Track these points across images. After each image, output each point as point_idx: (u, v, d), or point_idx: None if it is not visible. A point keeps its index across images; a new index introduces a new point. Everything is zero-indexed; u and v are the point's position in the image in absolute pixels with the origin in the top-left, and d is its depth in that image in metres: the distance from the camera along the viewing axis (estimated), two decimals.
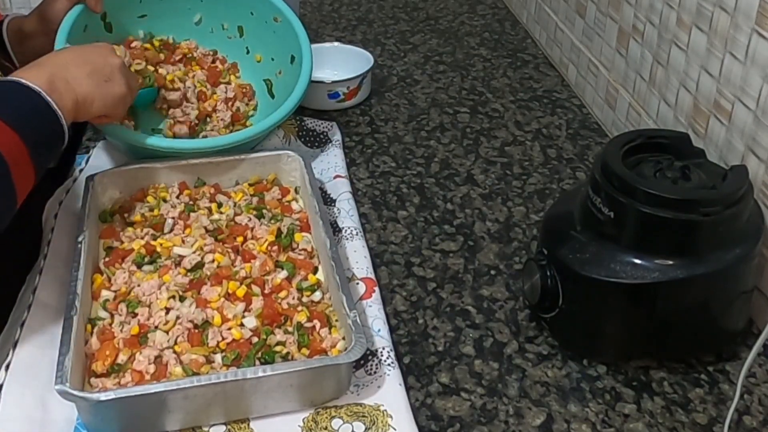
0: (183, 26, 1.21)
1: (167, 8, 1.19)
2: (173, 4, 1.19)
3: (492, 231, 1.03)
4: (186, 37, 1.21)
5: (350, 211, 1.02)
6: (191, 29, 1.22)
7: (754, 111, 0.86)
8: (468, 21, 1.63)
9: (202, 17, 1.22)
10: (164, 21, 1.19)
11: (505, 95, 1.35)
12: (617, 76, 1.20)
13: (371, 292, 0.89)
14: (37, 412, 0.74)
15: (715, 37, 0.92)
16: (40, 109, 0.80)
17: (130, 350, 0.78)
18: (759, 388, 0.80)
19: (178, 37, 1.20)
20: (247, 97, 1.20)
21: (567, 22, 1.38)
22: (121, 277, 0.87)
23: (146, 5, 1.17)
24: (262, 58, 1.21)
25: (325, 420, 0.74)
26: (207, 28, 1.22)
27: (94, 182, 0.97)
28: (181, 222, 0.95)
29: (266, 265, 0.88)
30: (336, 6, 1.71)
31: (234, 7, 1.20)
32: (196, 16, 1.22)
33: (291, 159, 1.03)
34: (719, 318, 0.81)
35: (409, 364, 0.83)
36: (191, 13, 1.22)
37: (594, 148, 1.20)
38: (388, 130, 1.25)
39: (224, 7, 1.21)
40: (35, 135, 0.78)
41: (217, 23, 1.22)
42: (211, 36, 1.22)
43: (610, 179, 0.79)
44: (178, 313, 0.82)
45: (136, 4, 1.17)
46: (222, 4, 1.21)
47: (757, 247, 0.79)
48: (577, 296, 0.80)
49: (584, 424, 0.76)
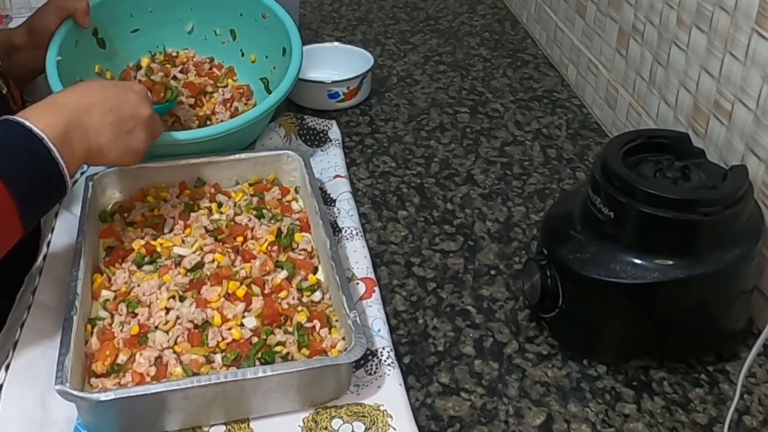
0: (177, 37, 1.21)
1: (159, 21, 1.19)
2: (164, 16, 1.19)
3: (492, 231, 1.03)
4: (181, 47, 1.22)
5: (350, 211, 1.02)
6: (185, 39, 1.22)
7: (754, 111, 0.86)
8: (468, 21, 1.63)
9: (194, 26, 1.22)
10: (157, 34, 1.19)
11: (505, 95, 1.35)
12: (617, 76, 1.20)
13: (371, 292, 0.89)
14: (37, 412, 0.74)
15: (715, 37, 0.92)
16: (39, 157, 0.74)
17: (130, 350, 0.78)
18: (759, 388, 0.80)
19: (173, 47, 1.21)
20: (245, 96, 1.20)
21: (567, 22, 1.38)
22: (121, 277, 0.87)
23: (137, 19, 1.18)
24: (257, 58, 1.21)
25: (325, 420, 0.74)
26: (200, 36, 1.22)
27: (94, 182, 0.97)
28: (181, 222, 0.95)
29: (266, 265, 0.88)
30: (336, 6, 1.71)
31: (223, 10, 1.20)
32: (188, 25, 1.22)
33: (291, 159, 1.03)
34: (719, 318, 0.81)
35: (409, 364, 0.83)
36: (183, 23, 1.22)
37: (594, 148, 1.20)
38: (388, 130, 1.25)
39: (214, 12, 1.21)
40: (28, 188, 0.73)
41: (210, 30, 1.22)
42: (205, 43, 1.23)
43: (610, 179, 0.79)
44: (178, 313, 0.82)
45: (127, 19, 1.17)
46: (212, 10, 1.21)
47: (757, 247, 0.79)
48: (577, 296, 0.80)
49: (584, 424, 0.76)
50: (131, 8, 1.17)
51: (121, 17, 1.16)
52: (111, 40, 1.15)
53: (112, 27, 1.14)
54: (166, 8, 1.19)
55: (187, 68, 1.20)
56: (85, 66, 1.11)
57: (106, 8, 1.12)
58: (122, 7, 1.16)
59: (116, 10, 1.15)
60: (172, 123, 1.12)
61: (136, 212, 0.97)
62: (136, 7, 1.17)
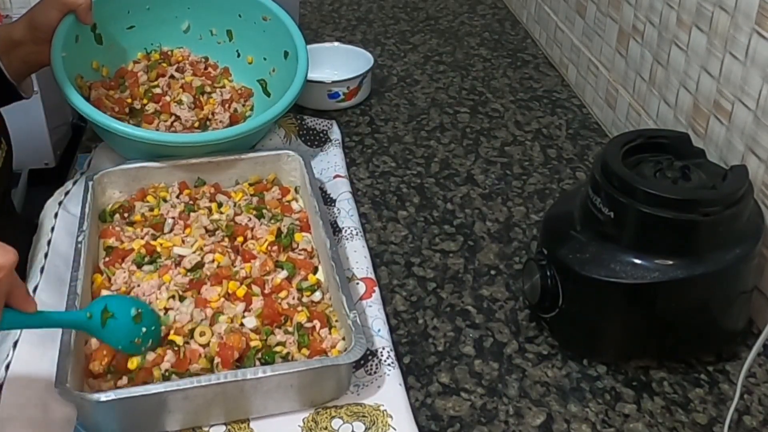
0: (172, 35, 1.21)
1: (155, 18, 1.19)
2: (160, 14, 1.19)
3: (492, 231, 1.03)
4: (175, 45, 1.21)
5: (350, 211, 1.02)
6: (180, 37, 1.22)
7: (754, 111, 0.86)
8: (468, 21, 1.63)
9: (190, 25, 1.22)
10: (152, 31, 1.19)
11: (505, 95, 1.35)
12: (617, 76, 1.20)
13: (371, 292, 0.89)
14: (37, 412, 0.74)
15: (715, 37, 0.92)
16: None
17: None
18: (759, 388, 0.80)
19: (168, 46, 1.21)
20: (244, 97, 1.20)
21: (567, 22, 1.38)
22: (121, 277, 0.87)
23: (134, 16, 1.18)
24: (254, 59, 1.21)
25: (325, 420, 0.74)
26: (196, 36, 1.22)
27: (94, 182, 0.97)
28: (181, 222, 0.95)
29: (266, 265, 0.88)
30: (336, 6, 1.71)
31: (221, 11, 1.20)
32: (184, 24, 1.22)
33: (291, 159, 1.03)
34: (719, 318, 0.81)
35: (409, 364, 0.83)
36: (179, 22, 1.21)
37: (594, 148, 1.20)
38: (388, 130, 1.25)
39: (211, 12, 1.20)
40: None
41: (206, 30, 1.22)
42: (200, 43, 1.22)
43: (610, 179, 0.79)
44: (177, 313, 0.82)
45: (124, 15, 1.17)
46: (209, 10, 1.20)
47: (757, 247, 0.79)
48: (577, 296, 0.80)
49: (584, 424, 0.76)
50: (129, 5, 1.17)
51: (119, 13, 1.16)
52: (107, 36, 1.15)
53: (109, 23, 1.14)
54: (163, 6, 1.19)
55: (183, 67, 1.20)
56: (83, 62, 1.11)
57: (105, 4, 1.11)
58: (120, 3, 1.16)
59: (114, 7, 1.15)
60: (172, 122, 1.12)
61: (136, 212, 0.97)
62: (134, 4, 1.17)
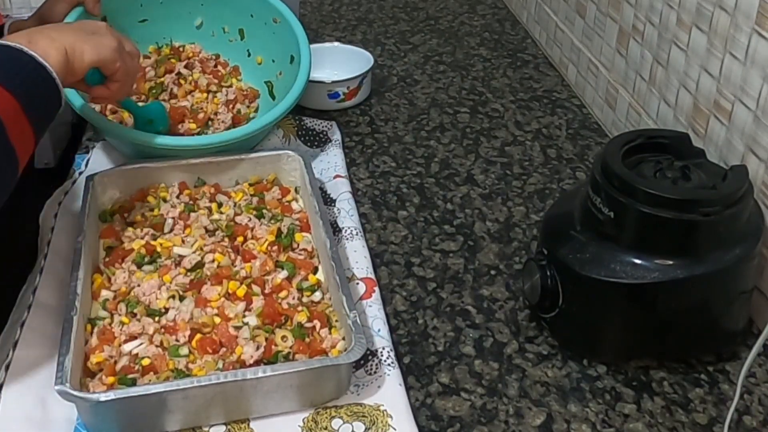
0: (184, 30, 1.21)
1: (168, 13, 1.19)
2: (174, 9, 1.19)
3: (492, 231, 1.03)
4: (187, 41, 1.21)
5: (350, 211, 1.02)
6: (192, 33, 1.22)
7: (754, 111, 0.86)
8: (468, 21, 1.63)
9: (203, 21, 1.22)
10: (165, 25, 1.19)
11: (505, 95, 1.35)
12: (617, 76, 1.20)
13: (371, 292, 0.89)
14: (37, 412, 0.74)
15: (715, 37, 0.92)
16: (24, 62, 0.76)
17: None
18: (759, 388, 0.80)
19: (180, 41, 1.21)
20: (248, 99, 1.20)
21: (567, 22, 1.38)
22: (121, 277, 0.87)
23: (147, 10, 1.17)
24: (263, 60, 1.21)
25: (325, 420, 0.74)
26: (208, 32, 1.22)
27: (94, 182, 0.97)
28: (181, 222, 0.95)
29: (266, 265, 0.88)
30: (336, 6, 1.71)
31: (234, 9, 1.20)
32: (197, 20, 1.22)
33: (291, 159, 1.03)
34: (719, 318, 0.81)
35: (409, 364, 0.83)
36: (192, 17, 1.22)
37: (594, 148, 1.20)
38: (388, 130, 1.25)
39: (224, 10, 1.21)
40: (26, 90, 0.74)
41: (218, 27, 1.22)
42: (212, 39, 1.23)
43: (610, 179, 0.79)
44: (177, 313, 0.82)
45: (137, 9, 1.17)
46: (222, 7, 1.21)
47: (757, 247, 0.79)
48: (577, 296, 0.80)
49: (584, 424, 0.76)
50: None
51: (131, 6, 1.16)
52: (118, 29, 1.15)
53: (120, 16, 1.14)
54: (177, 1, 1.19)
55: (192, 64, 1.20)
56: None
57: None
58: None
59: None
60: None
61: (136, 212, 0.97)
62: None
